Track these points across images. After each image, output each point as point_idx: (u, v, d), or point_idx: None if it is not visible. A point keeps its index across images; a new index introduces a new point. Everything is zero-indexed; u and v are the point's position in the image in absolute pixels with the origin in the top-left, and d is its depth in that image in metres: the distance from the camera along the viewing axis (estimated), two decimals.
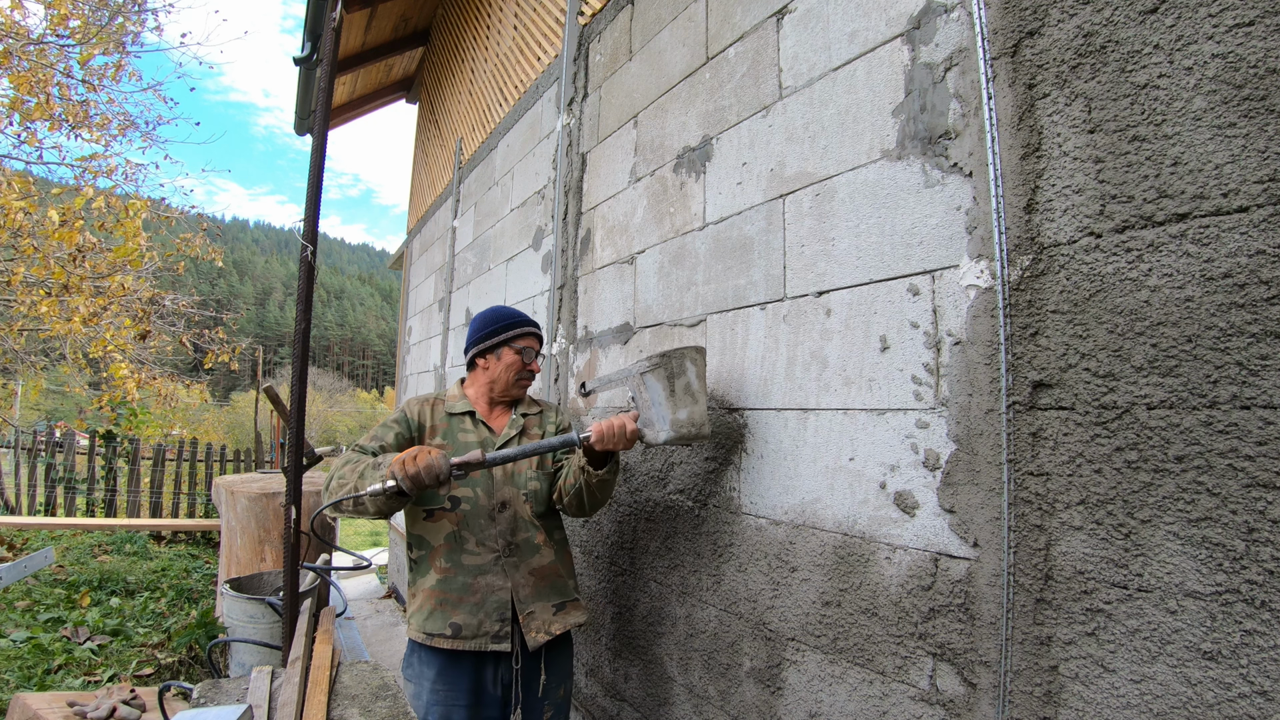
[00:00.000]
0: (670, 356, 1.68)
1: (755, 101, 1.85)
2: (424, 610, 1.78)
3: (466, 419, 1.93)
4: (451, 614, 1.76)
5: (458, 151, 5.11)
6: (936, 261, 1.32)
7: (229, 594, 2.92)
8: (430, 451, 1.50)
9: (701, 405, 1.69)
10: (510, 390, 1.96)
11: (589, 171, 2.78)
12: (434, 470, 1.48)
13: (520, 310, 2.05)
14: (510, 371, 1.93)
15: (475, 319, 2.01)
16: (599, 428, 1.66)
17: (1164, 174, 0.99)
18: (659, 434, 1.67)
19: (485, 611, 1.76)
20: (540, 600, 1.83)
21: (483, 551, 1.80)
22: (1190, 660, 0.94)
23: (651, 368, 1.67)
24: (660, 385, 1.66)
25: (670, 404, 1.66)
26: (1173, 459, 0.97)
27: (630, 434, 1.68)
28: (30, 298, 6.81)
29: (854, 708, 1.43)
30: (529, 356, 1.95)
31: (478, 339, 1.96)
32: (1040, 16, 1.16)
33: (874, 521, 1.42)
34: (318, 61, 2.85)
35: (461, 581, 1.78)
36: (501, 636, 1.76)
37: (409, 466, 1.47)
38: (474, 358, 1.98)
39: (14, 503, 7.72)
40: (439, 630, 1.75)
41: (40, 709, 2.07)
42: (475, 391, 1.99)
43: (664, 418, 1.66)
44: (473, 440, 1.89)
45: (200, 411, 22.55)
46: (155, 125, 7.87)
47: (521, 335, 1.95)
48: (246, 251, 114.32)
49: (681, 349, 1.70)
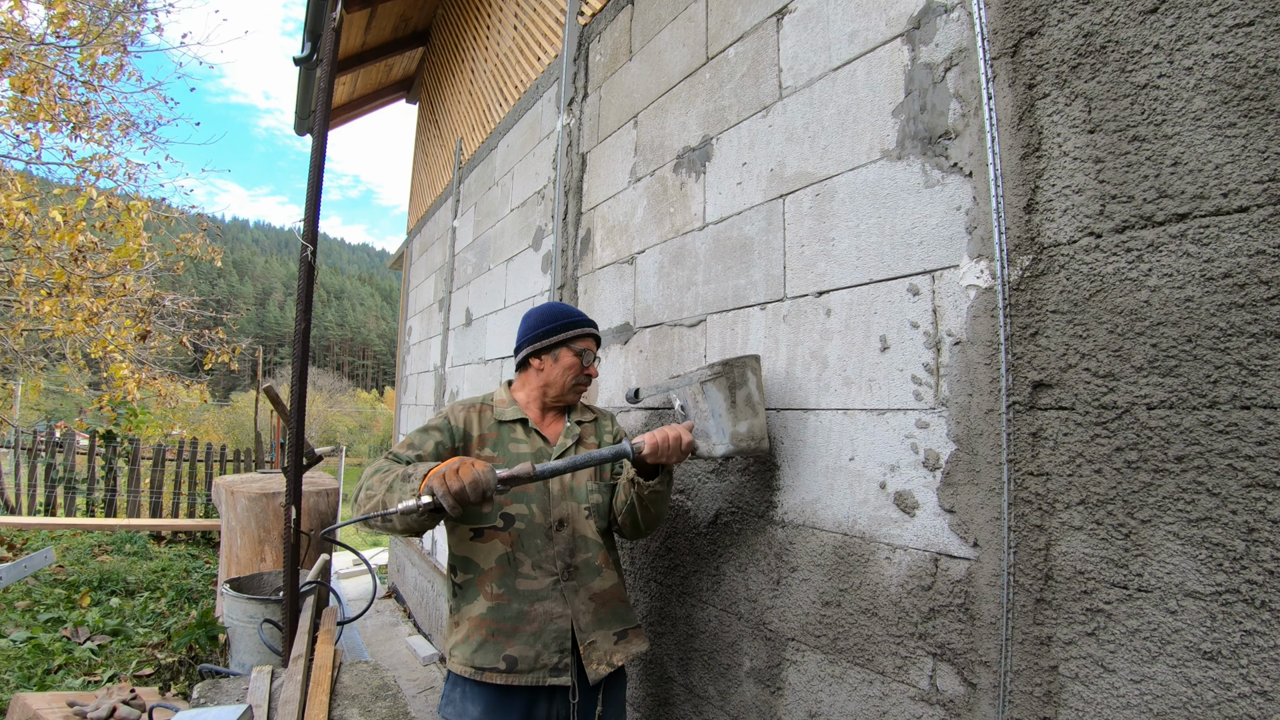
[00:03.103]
0: (732, 365, 1.58)
1: (755, 101, 1.85)
2: (472, 641, 1.61)
3: (519, 427, 1.76)
4: (506, 645, 1.59)
5: (458, 151, 5.11)
6: (936, 261, 1.32)
7: (229, 594, 2.92)
8: (475, 464, 1.33)
9: (761, 418, 1.59)
10: (565, 395, 1.79)
11: (589, 171, 2.78)
12: (480, 486, 1.30)
13: (579, 309, 1.92)
14: (568, 375, 1.77)
15: (529, 315, 1.83)
16: (652, 438, 1.53)
17: (1164, 174, 0.99)
18: (715, 446, 1.57)
19: (543, 642, 1.60)
20: (602, 628, 1.68)
21: (540, 575, 1.63)
22: (1190, 660, 0.94)
23: (713, 376, 1.57)
24: (721, 395, 1.56)
25: (731, 415, 1.56)
26: (1173, 459, 0.97)
27: (685, 446, 1.55)
28: (32, 298, 6.81)
29: (854, 708, 1.43)
30: (588, 359, 1.79)
31: (533, 337, 1.78)
32: (1040, 16, 1.16)
33: (874, 521, 1.42)
34: (318, 61, 2.85)
35: (516, 609, 1.61)
36: (561, 669, 1.60)
37: (450, 481, 1.29)
38: (527, 357, 1.80)
39: (14, 503, 7.72)
40: (491, 664, 1.58)
41: (40, 709, 2.07)
42: (526, 395, 1.81)
43: (723, 430, 1.56)
44: (526, 451, 1.72)
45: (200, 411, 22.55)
46: (156, 125, 7.89)
47: (581, 336, 1.78)
48: (246, 251, 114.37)
49: (743, 358, 1.60)
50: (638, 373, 2.34)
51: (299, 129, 5.12)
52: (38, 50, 6.35)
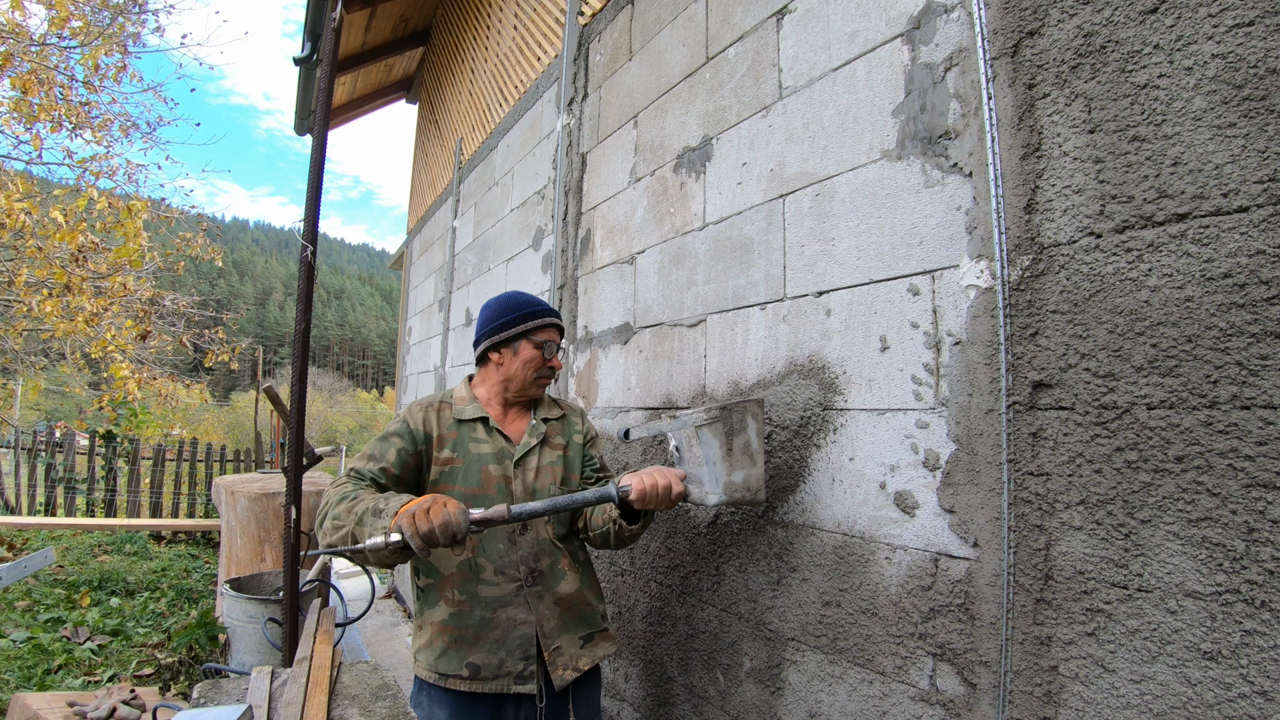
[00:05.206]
0: (731, 410, 1.50)
1: (755, 101, 1.85)
2: (435, 647, 1.59)
3: (479, 426, 1.69)
4: (468, 653, 1.56)
5: (458, 151, 5.11)
6: (936, 261, 1.32)
7: (229, 594, 2.92)
8: (447, 504, 1.29)
9: (759, 468, 1.52)
10: (527, 390, 1.72)
11: (589, 171, 2.78)
12: (450, 529, 1.27)
13: (539, 297, 1.84)
14: (528, 369, 1.69)
15: (487, 305, 1.75)
16: (640, 484, 1.45)
17: (1164, 174, 0.99)
18: (708, 496, 1.51)
19: (507, 649, 1.57)
20: (567, 633, 1.64)
21: (502, 581, 1.59)
22: (1190, 660, 0.94)
23: (709, 421, 1.50)
24: (717, 442, 1.49)
25: (726, 464, 1.50)
26: (1173, 459, 0.97)
27: (675, 496, 1.48)
28: (33, 298, 6.82)
29: (854, 708, 1.43)
30: (550, 351, 1.70)
31: (491, 330, 1.71)
32: (1040, 16, 1.16)
33: (874, 521, 1.42)
34: (318, 62, 2.85)
35: (479, 616, 1.58)
36: (525, 676, 1.57)
37: (420, 523, 1.25)
38: (486, 351, 1.73)
39: (14, 503, 7.73)
40: (453, 671, 1.56)
41: (40, 709, 2.07)
42: (486, 391, 1.75)
43: (716, 478, 1.50)
44: (487, 451, 1.66)
45: (200, 411, 22.56)
46: (156, 126, 7.89)
47: (542, 326, 1.70)
48: (246, 251, 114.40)
49: (743, 403, 1.52)
50: (638, 373, 2.34)
51: (299, 129, 5.12)
52: (39, 51, 6.35)
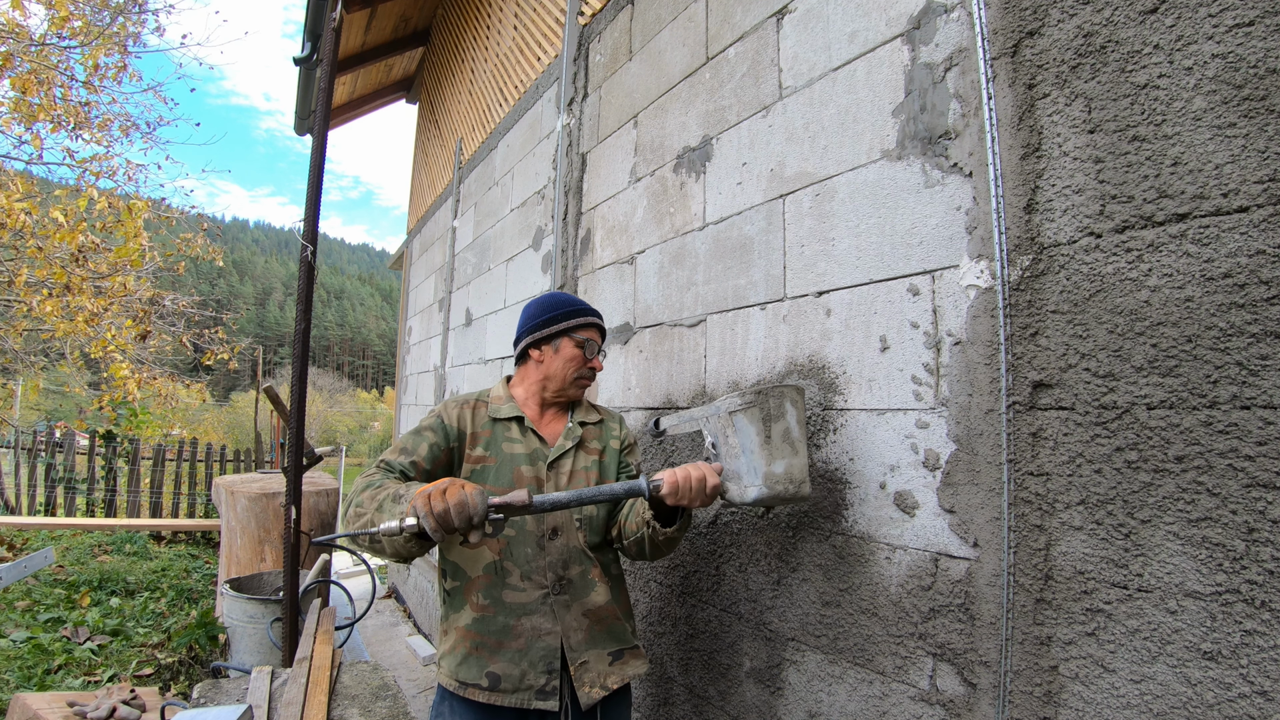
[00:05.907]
0: (767, 395, 1.39)
1: (755, 101, 1.85)
2: (457, 653, 1.52)
3: (514, 425, 1.63)
4: (489, 661, 1.49)
5: (458, 151, 5.11)
6: (936, 261, 1.32)
7: (229, 594, 2.92)
8: (464, 486, 1.21)
9: (802, 457, 1.39)
10: (566, 390, 1.66)
11: (589, 171, 2.78)
12: (466, 510, 1.18)
13: (581, 298, 1.74)
14: (569, 368, 1.64)
15: (530, 305, 1.71)
16: (672, 477, 1.36)
17: (1164, 174, 0.99)
18: (747, 490, 1.37)
19: (529, 660, 1.49)
20: (595, 647, 1.55)
21: (529, 587, 1.52)
22: (1190, 660, 0.94)
23: (744, 406, 1.38)
24: (753, 429, 1.37)
25: (765, 453, 1.36)
26: (1173, 459, 0.97)
27: (711, 489, 1.38)
28: (34, 298, 6.82)
29: (854, 708, 1.43)
30: (591, 351, 1.66)
31: (533, 326, 1.66)
32: (1040, 16, 1.16)
33: (874, 521, 1.42)
34: (318, 61, 2.85)
35: (502, 622, 1.51)
36: (548, 692, 1.48)
37: (435, 503, 1.18)
38: (526, 348, 1.69)
39: (14, 503, 7.72)
40: (473, 680, 1.49)
41: (40, 709, 2.07)
42: (524, 391, 1.70)
43: (755, 469, 1.36)
44: (520, 451, 1.60)
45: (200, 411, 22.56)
46: (156, 126, 7.88)
47: (585, 325, 1.66)
48: (247, 251, 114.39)
49: (780, 387, 1.41)
50: (637, 373, 2.34)
51: (299, 129, 5.12)
52: (39, 51, 6.36)
